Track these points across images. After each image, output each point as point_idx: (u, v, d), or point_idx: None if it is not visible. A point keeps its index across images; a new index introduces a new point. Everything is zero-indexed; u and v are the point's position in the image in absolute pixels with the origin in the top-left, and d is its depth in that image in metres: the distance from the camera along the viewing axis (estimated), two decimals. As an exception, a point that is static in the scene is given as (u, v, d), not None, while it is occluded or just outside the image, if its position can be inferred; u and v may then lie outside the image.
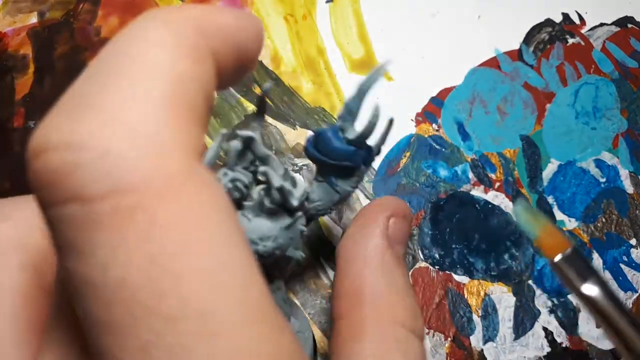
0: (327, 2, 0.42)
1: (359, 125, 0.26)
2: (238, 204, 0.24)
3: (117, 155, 0.12)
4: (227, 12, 0.17)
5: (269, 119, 0.39)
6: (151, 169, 0.12)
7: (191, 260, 0.11)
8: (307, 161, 0.38)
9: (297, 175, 0.23)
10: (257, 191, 0.24)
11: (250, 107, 0.40)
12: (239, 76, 0.19)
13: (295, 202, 0.23)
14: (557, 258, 0.22)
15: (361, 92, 0.26)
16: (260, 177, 0.24)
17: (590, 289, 0.22)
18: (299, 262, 0.26)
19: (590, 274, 0.22)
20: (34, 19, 0.42)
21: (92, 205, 0.11)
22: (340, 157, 0.26)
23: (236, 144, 0.24)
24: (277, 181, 0.23)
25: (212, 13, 0.16)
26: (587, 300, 0.22)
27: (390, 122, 0.28)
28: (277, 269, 0.26)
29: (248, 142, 0.24)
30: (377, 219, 0.26)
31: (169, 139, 0.12)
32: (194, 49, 0.14)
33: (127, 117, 0.12)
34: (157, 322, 0.11)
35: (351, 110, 0.26)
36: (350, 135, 0.26)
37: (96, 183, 0.11)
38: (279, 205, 0.23)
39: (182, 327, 0.11)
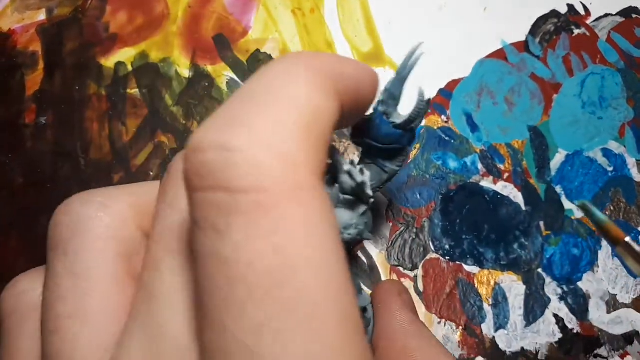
0: (334, -5, 0.43)
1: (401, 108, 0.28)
2: None
3: (262, 163, 0.14)
4: (351, 63, 0.19)
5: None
6: (286, 178, 0.14)
7: (307, 257, 0.14)
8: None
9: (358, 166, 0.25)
10: (333, 185, 0.26)
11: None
12: (353, 119, 0.22)
13: (370, 192, 0.25)
14: (627, 239, 0.24)
15: (402, 77, 0.28)
16: (343, 176, 0.26)
17: None
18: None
19: None
20: (42, 16, 0.42)
21: (237, 196, 0.14)
22: (389, 141, 0.28)
23: None
24: (359, 177, 0.25)
25: (341, 62, 0.18)
26: None
27: (428, 101, 0.29)
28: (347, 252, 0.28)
29: None
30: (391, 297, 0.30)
31: (302, 158, 0.15)
32: (327, 89, 0.17)
33: (272, 136, 0.15)
34: (272, 306, 0.13)
35: (393, 95, 0.28)
36: (397, 119, 0.28)
37: (243, 180, 0.14)
38: (354, 195, 0.26)
39: (292, 316, 0.13)
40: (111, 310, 0.18)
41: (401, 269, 0.36)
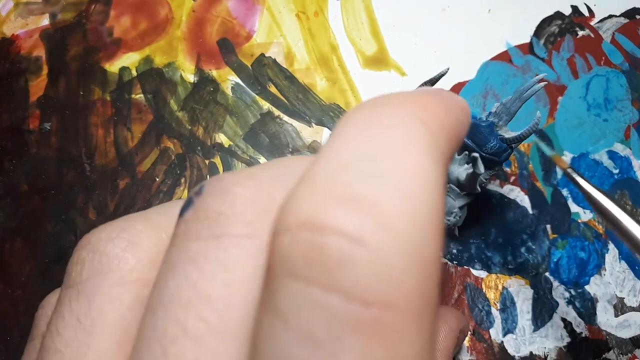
0: (338, -2, 0.43)
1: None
2: None
3: (395, 268, 0.11)
4: (456, 105, 0.16)
5: (284, 117, 0.40)
6: (420, 291, 0.11)
7: None
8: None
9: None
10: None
11: (266, 105, 0.40)
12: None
13: (479, 189, 0.28)
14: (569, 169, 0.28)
15: (524, 98, 0.30)
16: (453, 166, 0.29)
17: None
18: None
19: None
20: (45, 21, 0.42)
21: (355, 306, 0.11)
22: (492, 152, 0.30)
23: None
24: (481, 168, 0.28)
25: (448, 107, 0.15)
26: (594, 200, 0.27)
27: (538, 125, 0.30)
28: None
29: None
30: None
31: (433, 262, 0.12)
32: (442, 154, 0.14)
33: (403, 228, 0.12)
34: None
35: (510, 111, 0.30)
36: (506, 134, 0.30)
37: (368, 288, 0.11)
38: (459, 186, 0.28)
39: None
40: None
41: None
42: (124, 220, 0.17)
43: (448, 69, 0.31)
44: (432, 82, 0.31)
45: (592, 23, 0.42)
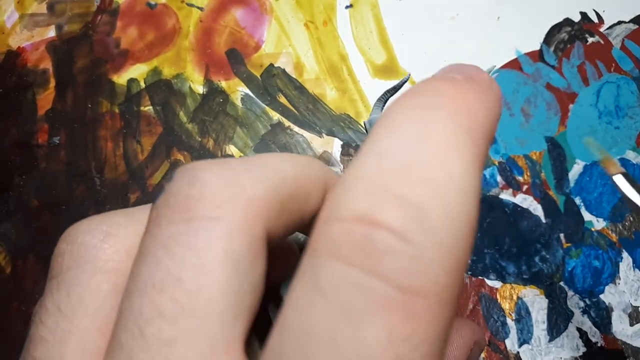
0: (346, 7, 0.42)
1: None
2: None
3: (424, 263, 0.13)
4: (493, 106, 0.17)
5: (294, 128, 0.39)
6: (447, 292, 0.13)
7: None
8: (336, 169, 0.38)
9: None
10: None
11: (276, 116, 0.40)
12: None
13: None
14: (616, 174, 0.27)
15: None
16: None
17: None
18: None
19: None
20: (52, 33, 0.42)
21: (391, 290, 0.13)
22: None
23: None
24: None
25: (488, 109, 0.16)
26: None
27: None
28: None
29: None
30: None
31: (463, 266, 0.14)
32: (481, 160, 0.15)
33: (442, 229, 0.14)
34: None
35: None
36: None
37: (406, 277, 0.13)
38: None
39: None
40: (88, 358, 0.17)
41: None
42: (104, 214, 0.18)
43: (409, 74, 0.30)
44: (395, 89, 0.30)
45: (601, 29, 0.42)
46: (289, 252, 0.22)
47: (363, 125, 0.29)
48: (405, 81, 0.29)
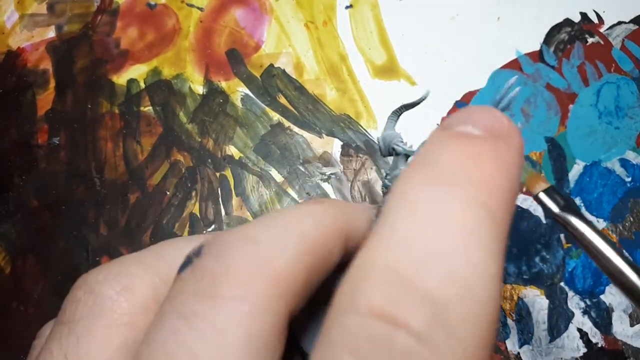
0: (346, 7, 0.42)
1: None
2: None
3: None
4: (513, 179, 0.16)
5: (294, 128, 0.39)
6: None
7: None
8: (335, 170, 0.38)
9: None
10: None
11: (276, 117, 0.40)
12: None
13: None
14: (539, 192, 0.25)
15: (501, 109, 0.25)
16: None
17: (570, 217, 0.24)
18: None
19: (567, 205, 0.24)
20: (52, 33, 0.41)
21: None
22: None
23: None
24: None
25: (509, 182, 0.15)
26: (565, 223, 0.24)
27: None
28: None
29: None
30: None
31: None
32: (503, 240, 0.15)
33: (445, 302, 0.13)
34: None
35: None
36: None
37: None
38: None
39: None
40: None
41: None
42: (120, 264, 0.18)
43: (428, 92, 0.27)
44: (409, 106, 0.28)
45: (601, 30, 0.42)
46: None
47: (378, 142, 0.28)
48: (424, 99, 0.27)
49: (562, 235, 0.37)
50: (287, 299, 0.15)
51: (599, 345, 0.34)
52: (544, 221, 0.37)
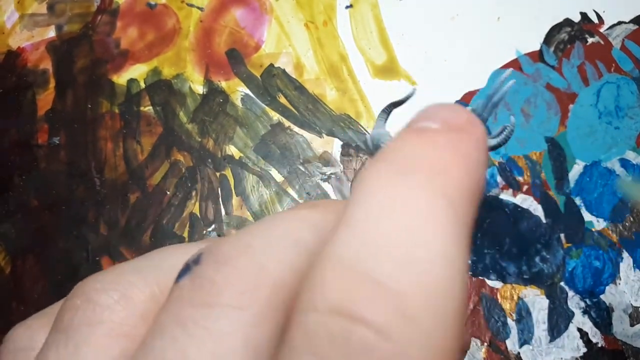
0: (346, 7, 0.42)
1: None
2: None
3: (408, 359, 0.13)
4: (477, 167, 0.15)
5: (294, 128, 0.39)
6: None
7: None
8: (335, 170, 0.38)
9: None
10: None
11: (276, 116, 0.40)
12: None
13: None
14: None
15: (494, 102, 0.24)
16: None
17: None
18: None
19: None
20: (52, 33, 0.41)
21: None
22: None
23: None
24: None
25: (470, 171, 0.15)
26: None
27: (511, 132, 0.27)
28: None
29: None
30: None
31: None
32: (466, 228, 0.14)
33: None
34: None
35: (483, 118, 0.26)
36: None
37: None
38: None
39: None
40: None
41: (423, 285, 0.36)
42: (118, 272, 0.18)
43: (414, 89, 0.27)
44: (397, 104, 0.28)
45: (601, 30, 0.42)
46: None
47: (367, 141, 0.27)
48: (411, 96, 0.26)
49: (562, 235, 0.37)
50: (286, 306, 0.15)
51: (599, 345, 0.34)
52: (544, 221, 0.37)
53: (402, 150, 0.15)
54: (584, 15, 0.42)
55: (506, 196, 0.38)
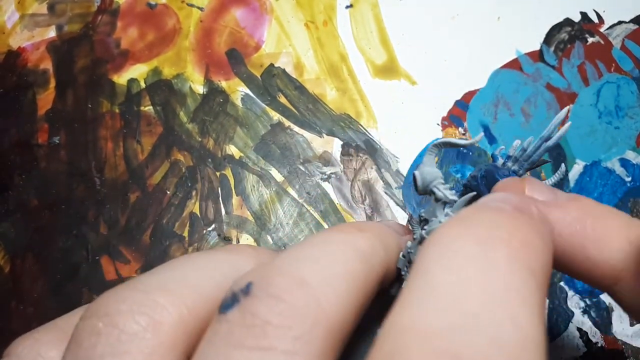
0: (346, 7, 0.42)
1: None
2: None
3: None
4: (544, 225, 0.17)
5: (295, 128, 0.39)
6: None
7: None
8: (335, 169, 0.38)
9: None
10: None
11: (276, 116, 0.40)
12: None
13: None
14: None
15: (548, 146, 0.25)
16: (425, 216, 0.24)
17: None
18: None
19: None
20: (52, 33, 0.42)
21: None
22: None
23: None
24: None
25: (539, 230, 0.16)
26: None
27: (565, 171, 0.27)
28: None
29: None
30: None
31: None
32: (543, 300, 0.14)
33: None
34: None
35: (531, 159, 0.26)
36: None
37: None
38: None
39: None
40: None
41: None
42: (144, 291, 0.16)
43: (482, 135, 0.27)
44: (457, 144, 0.26)
45: (601, 29, 0.42)
46: None
47: (415, 176, 0.25)
48: (476, 142, 0.25)
49: (562, 235, 0.37)
50: (339, 346, 0.14)
51: (599, 345, 0.34)
52: None
53: (485, 220, 0.15)
54: (584, 15, 0.42)
55: (506, 196, 0.38)
